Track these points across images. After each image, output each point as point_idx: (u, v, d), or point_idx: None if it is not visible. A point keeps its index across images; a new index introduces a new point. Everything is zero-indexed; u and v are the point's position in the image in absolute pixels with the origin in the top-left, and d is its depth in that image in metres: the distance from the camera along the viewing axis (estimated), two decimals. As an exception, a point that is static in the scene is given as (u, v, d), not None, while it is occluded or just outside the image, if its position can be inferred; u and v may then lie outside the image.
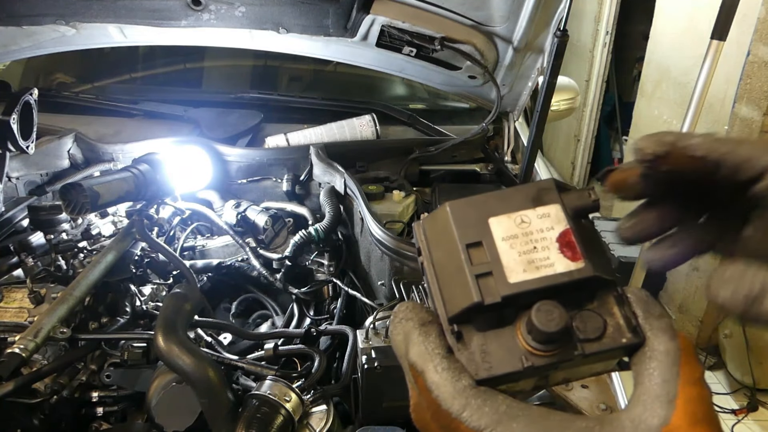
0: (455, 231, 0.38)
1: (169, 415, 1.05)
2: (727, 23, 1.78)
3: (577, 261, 0.35)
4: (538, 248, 0.36)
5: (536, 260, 0.36)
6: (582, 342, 0.35)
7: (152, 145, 1.69)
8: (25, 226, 1.46)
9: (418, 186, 1.76)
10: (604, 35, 4.66)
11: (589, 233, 0.37)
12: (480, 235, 0.37)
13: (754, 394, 3.09)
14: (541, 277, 0.35)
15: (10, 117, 1.31)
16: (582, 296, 0.36)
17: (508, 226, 0.37)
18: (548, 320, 0.33)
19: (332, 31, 1.66)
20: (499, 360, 0.35)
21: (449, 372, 0.33)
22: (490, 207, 0.38)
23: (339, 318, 1.41)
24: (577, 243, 0.36)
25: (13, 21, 1.64)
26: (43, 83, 2.21)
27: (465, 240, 0.37)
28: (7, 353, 0.98)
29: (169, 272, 1.46)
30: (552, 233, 0.36)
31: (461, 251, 0.37)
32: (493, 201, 0.39)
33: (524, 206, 0.38)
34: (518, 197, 0.38)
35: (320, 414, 1.06)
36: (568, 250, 0.36)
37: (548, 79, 1.55)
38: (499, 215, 0.38)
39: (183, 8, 1.60)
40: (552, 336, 0.34)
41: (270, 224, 1.55)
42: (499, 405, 0.32)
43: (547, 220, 0.37)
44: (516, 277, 0.35)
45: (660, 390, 0.32)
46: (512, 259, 0.36)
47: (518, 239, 0.37)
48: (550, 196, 0.38)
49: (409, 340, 0.36)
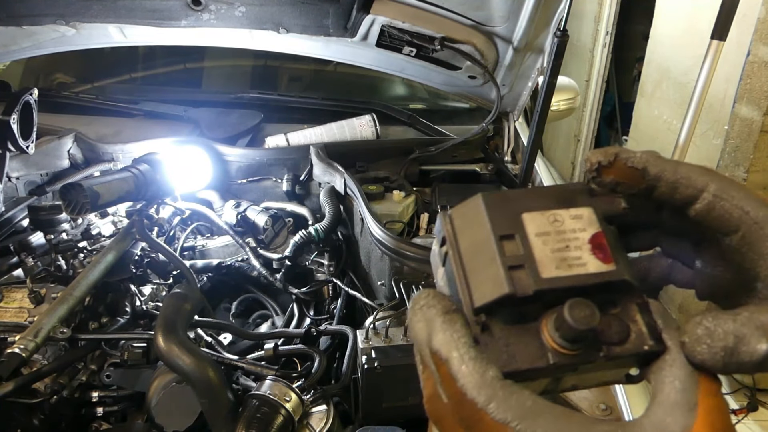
0: (488, 222, 0.37)
1: (169, 415, 1.05)
2: (727, 23, 1.78)
3: (608, 263, 0.36)
4: (571, 247, 0.36)
5: (569, 258, 0.36)
6: (606, 344, 0.35)
7: (152, 145, 1.69)
8: (25, 226, 1.46)
9: (418, 186, 1.76)
10: (604, 35, 4.66)
11: (616, 241, 0.38)
12: (513, 228, 0.37)
13: (754, 394, 3.09)
14: (574, 275, 0.35)
15: (10, 117, 1.31)
16: (608, 300, 0.36)
17: (541, 223, 0.37)
18: (582, 317, 0.33)
19: (332, 31, 1.66)
20: (523, 355, 0.35)
21: (476, 362, 0.33)
22: (524, 202, 0.38)
23: (339, 318, 1.41)
24: (609, 246, 0.36)
25: (13, 21, 1.64)
26: (43, 83, 2.21)
27: (498, 232, 0.37)
28: (7, 353, 0.98)
29: (169, 272, 1.46)
30: (584, 234, 0.37)
31: (494, 242, 0.36)
32: (526, 197, 0.39)
33: (557, 206, 0.38)
34: (551, 196, 0.39)
35: (320, 414, 1.06)
36: (600, 252, 0.36)
37: (548, 79, 1.55)
38: (533, 211, 0.38)
39: (183, 8, 1.60)
40: (581, 334, 0.34)
41: (270, 224, 1.55)
42: (525, 400, 0.31)
43: (579, 221, 0.37)
44: (549, 272, 0.35)
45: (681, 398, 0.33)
46: (545, 254, 0.36)
47: (551, 236, 0.37)
48: (582, 199, 0.38)
49: (433, 327, 0.35)
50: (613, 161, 0.37)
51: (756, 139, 2.86)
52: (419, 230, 1.61)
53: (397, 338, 1.12)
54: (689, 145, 1.95)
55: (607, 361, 0.35)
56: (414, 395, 1.09)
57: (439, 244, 0.42)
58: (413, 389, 1.08)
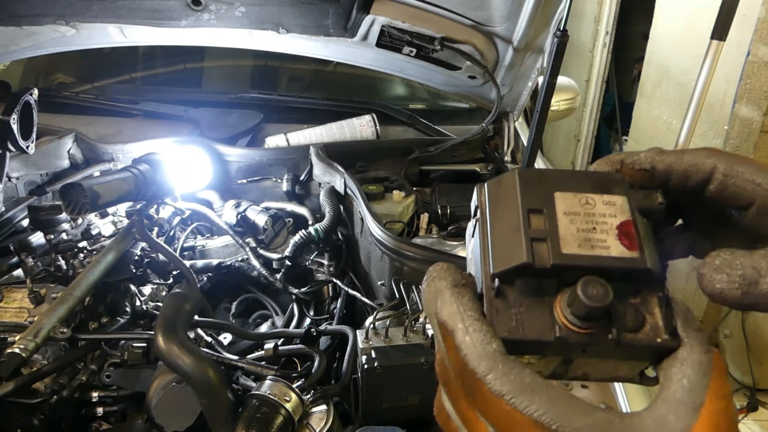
0: (519, 195, 0.38)
1: (169, 415, 1.05)
2: (727, 23, 1.78)
3: (633, 251, 0.36)
4: (597, 230, 0.37)
5: (593, 239, 0.36)
6: (618, 330, 0.35)
7: (152, 145, 1.69)
8: (25, 226, 1.46)
9: (418, 186, 1.76)
10: (604, 35, 4.65)
11: (647, 234, 0.38)
12: (543, 204, 0.38)
13: (754, 394, 3.09)
14: (594, 255, 0.35)
15: (10, 117, 1.31)
16: (627, 289, 0.36)
17: (573, 203, 0.38)
18: (594, 294, 0.33)
19: (332, 31, 1.66)
20: (532, 326, 0.35)
21: (480, 333, 0.33)
22: (559, 182, 0.39)
23: (339, 318, 1.41)
24: (638, 236, 0.36)
25: (13, 21, 1.64)
26: (43, 83, 2.21)
27: (527, 205, 0.38)
28: (7, 353, 0.98)
29: (169, 272, 1.46)
30: (614, 220, 0.37)
31: (521, 214, 0.37)
32: (562, 177, 0.39)
33: (592, 190, 0.38)
34: (588, 180, 0.39)
35: (320, 414, 1.06)
36: (627, 239, 0.36)
37: (548, 79, 1.55)
38: (566, 191, 0.38)
39: (183, 8, 1.60)
40: (592, 312, 0.34)
41: (270, 224, 1.55)
42: (525, 376, 0.32)
43: (611, 207, 0.37)
44: (570, 249, 0.36)
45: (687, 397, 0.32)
46: (570, 232, 0.36)
47: (580, 216, 0.37)
48: (618, 188, 0.38)
49: (442, 298, 0.36)
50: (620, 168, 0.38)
51: (756, 139, 2.86)
52: (419, 230, 1.61)
53: (397, 338, 1.12)
54: (689, 145, 1.95)
55: (617, 347, 0.35)
56: (414, 395, 1.09)
57: (473, 216, 0.43)
58: (413, 389, 1.08)
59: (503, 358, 0.32)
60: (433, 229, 1.59)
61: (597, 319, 0.34)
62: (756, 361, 3.03)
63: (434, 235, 1.56)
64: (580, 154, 5.29)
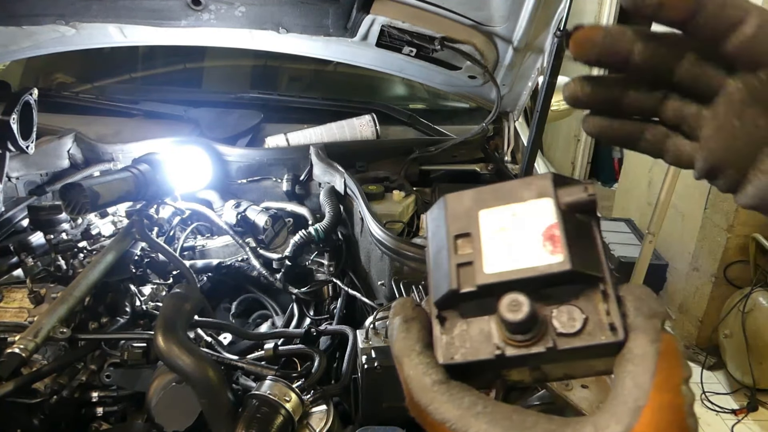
0: (446, 222, 0.39)
1: (169, 415, 1.05)
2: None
3: (556, 255, 0.35)
4: (522, 240, 0.36)
5: (517, 252, 0.36)
6: (559, 336, 0.34)
7: (152, 145, 1.69)
8: (25, 226, 1.46)
9: (418, 186, 1.76)
10: (604, 35, 4.65)
11: (582, 229, 0.37)
12: (468, 227, 0.38)
13: (754, 394, 3.09)
14: (517, 269, 0.35)
15: (10, 117, 1.31)
16: (568, 291, 0.35)
17: (498, 219, 0.38)
18: (513, 310, 0.34)
19: (332, 31, 1.66)
20: (473, 348, 0.36)
21: (421, 366, 0.36)
22: (484, 199, 0.39)
23: (339, 318, 1.41)
24: (562, 237, 0.35)
25: (13, 21, 1.64)
26: (43, 83, 2.21)
27: (454, 231, 0.39)
28: (7, 353, 0.98)
29: (169, 272, 1.46)
30: (539, 227, 0.36)
31: (447, 241, 0.38)
32: (487, 193, 0.39)
33: (517, 199, 0.38)
34: (513, 190, 0.38)
35: (320, 414, 1.06)
36: (551, 244, 0.35)
37: (548, 79, 1.55)
38: (491, 207, 0.38)
39: (183, 8, 1.60)
40: (519, 326, 0.34)
41: (270, 224, 1.55)
42: (462, 401, 0.33)
43: (537, 213, 0.37)
44: (493, 268, 0.36)
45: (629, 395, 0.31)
46: (494, 250, 0.37)
47: (505, 231, 0.37)
48: (544, 190, 0.37)
49: (394, 334, 0.38)
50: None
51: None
52: (419, 230, 1.61)
53: (397, 338, 1.12)
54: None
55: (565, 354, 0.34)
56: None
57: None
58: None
59: (442, 387, 0.34)
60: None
61: (528, 331, 0.34)
62: (756, 361, 3.03)
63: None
64: (580, 154, 5.30)
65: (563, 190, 0.37)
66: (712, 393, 3.20)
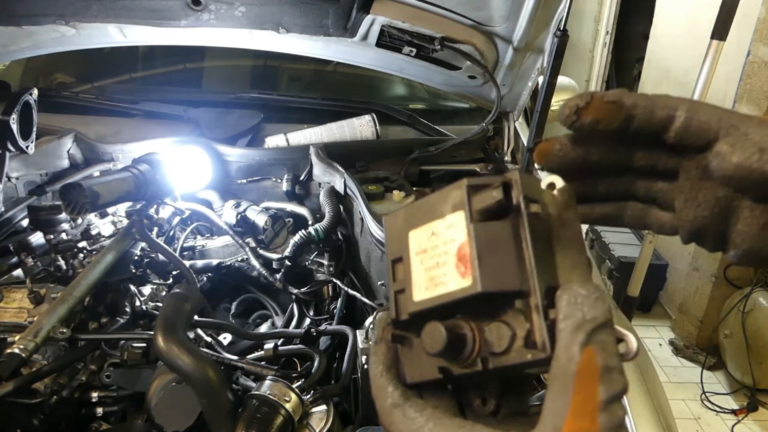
0: (387, 246, 0.39)
1: (169, 415, 1.05)
2: (727, 23, 1.78)
3: (465, 277, 0.33)
4: (440, 263, 0.35)
5: (436, 277, 0.35)
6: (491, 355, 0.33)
7: (152, 145, 1.69)
8: (25, 226, 1.46)
9: (418, 186, 1.76)
10: (604, 35, 4.66)
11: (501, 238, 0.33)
12: (401, 251, 0.38)
13: (754, 394, 3.09)
14: (435, 296, 0.35)
15: (10, 117, 1.31)
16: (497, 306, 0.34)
17: (421, 240, 0.36)
18: (431, 341, 0.34)
19: (332, 31, 1.66)
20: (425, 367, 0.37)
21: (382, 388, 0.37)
22: (413, 218, 0.37)
23: (339, 318, 1.41)
24: (472, 256, 0.33)
25: (13, 21, 1.64)
26: (43, 83, 2.20)
27: (392, 256, 0.38)
28: (7, 353, 0.98)
29: (169, 272, 1.46)
30: (453, 246, 0.34)
31: (388, 268, 0.39)
32: (415, 211, 0.37)
33: (436, 215, 0.36)
34: (434, 205, 0.36)
35: (320, 414, 1.06)
36: (462, 265, 0.33)
37: (548, 79, 1.55)
38: (418, 227, 0.37)
39: (183, 8, 1.60)
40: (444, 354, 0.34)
41: (270, 224, 1.55)
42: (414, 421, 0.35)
43: (452, 230, 0.35)
44: (419, 295, 0.36)
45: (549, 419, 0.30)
46: (419, 275, 0.36)
47: (427, 254, 0.36)
48: (457, 201, 0.35)
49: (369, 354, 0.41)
50: (589, 101, 0.38)
51: (756, 139, 2.86)
52: (419, 230, 1.60)
53: (397, 338, 1.12)
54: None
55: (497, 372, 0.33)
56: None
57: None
58: (413, 389, 1.08)
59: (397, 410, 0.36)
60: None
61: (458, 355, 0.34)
62: (756, 361, 3.03)
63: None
64: (580, 154, 5.28)
65: (478, 197, 0.35)
66: (712, 393, 3.20)
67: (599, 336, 0.30)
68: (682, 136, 0.37)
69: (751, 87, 2.91)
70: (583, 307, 0.31)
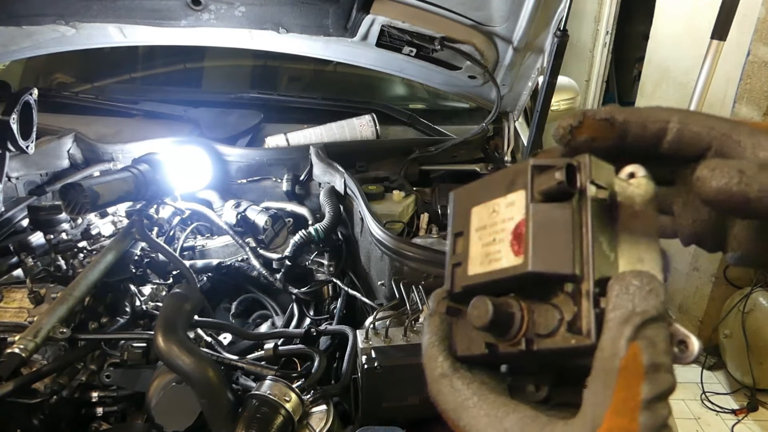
0: (450, 220, 0.40)
1: (169, 415, 1.05)
2: (727, 23, 1.78)
3: (518, 255, 0.33)
4: (497, 240, 0.35)
5: (491, 253, 0.35)
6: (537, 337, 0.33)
7: (152, 145, 1.69)
8: (25, 226, 1.46)
9: (418, 186, 1.76)
10: (604, 35, 4.66)
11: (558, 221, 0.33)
12: (463, 225, 0.39)
13: (754, 394, 3.09)
14: (488, 271, 0.35)
15: (10, 117, 1.31)
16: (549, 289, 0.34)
17: (483, 216, 0.37)
18: (476, 315, 0.34)
19: (332, 31, 1.66)
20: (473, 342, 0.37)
21: (432, 361, 0.38)
22: (477, 195, 0.38)
23: (339, 318, 1.41)
24: (528, 234, 0.33)
25: (13, 21, 1.64)
26: (43, 83, 2.21)
27: (454, 230, 0.39)
28: (7, 353, 0.98)
29: (169, 272, 1.46)
30: (511, 224, 0.35)
31: (450, 240, 0.39)
32: (480, 188, 0.38)
33: (499, 193, 0.37)
34: (497, 183, 0.37)
35: (320, 414, 1.06)
36: (516, 243, 0.34)
37: (548, 79, 1.55)
38: (480, 204, 0.38)
39: (183, 8, 1.60)
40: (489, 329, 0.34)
41: (270, 224, 1.55)
42: (461, 393, 0.36)
43: (512, 208, 0.35)
44: (474, 269, 0.36)
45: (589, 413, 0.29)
46: (477, 250, 0.37)
47: (486, 230, 0.37)
48: (520, 181, 0.35)
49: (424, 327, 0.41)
50: (582, 120, 0.38)
51: (756, 139, 2.86)
52: (419, 230, 1.61)
53: (397, 338, 1.12)
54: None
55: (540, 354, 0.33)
56: (414, 395, 1.09)
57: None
58: (413, 389, 1.08)
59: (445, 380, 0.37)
60: (433, 229, 1.59)
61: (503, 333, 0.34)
62: (756, 361, 3.03)
63: (434, 235, 1.56)
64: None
65: (541, 177, 0.35)
66: (712, 393, 3.20)
67: (648, 331, 0.29)
68: (675, 147, 0.38)
69: (751, 87, 2.91)
70: (634, 299, 0.30)
